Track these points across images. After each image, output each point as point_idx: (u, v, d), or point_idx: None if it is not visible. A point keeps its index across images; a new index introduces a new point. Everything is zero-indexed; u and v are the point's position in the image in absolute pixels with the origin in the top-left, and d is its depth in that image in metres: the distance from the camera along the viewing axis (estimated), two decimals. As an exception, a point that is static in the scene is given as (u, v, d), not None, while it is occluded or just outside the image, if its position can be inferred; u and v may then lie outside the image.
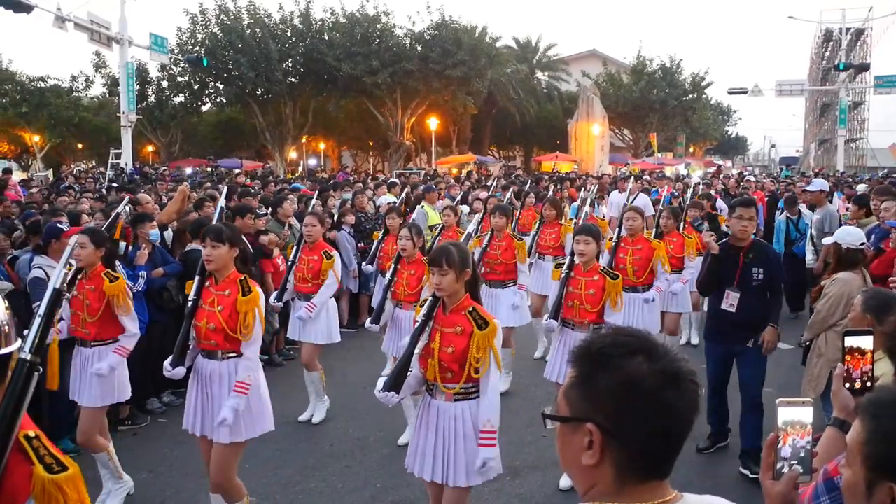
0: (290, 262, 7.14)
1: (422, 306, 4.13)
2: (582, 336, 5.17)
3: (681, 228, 8.88)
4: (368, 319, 6.85)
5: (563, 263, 5.73)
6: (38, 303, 5.84)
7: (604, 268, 5.61)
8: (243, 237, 4.74)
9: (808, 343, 5.74)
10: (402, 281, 6.42)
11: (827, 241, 6.02)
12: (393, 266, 6.59)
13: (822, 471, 1.93)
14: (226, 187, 10.23)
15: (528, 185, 16.33)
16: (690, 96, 43.44)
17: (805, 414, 1.67)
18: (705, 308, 10.05)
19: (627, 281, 7.09)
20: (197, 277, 4.62)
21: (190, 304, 4.57)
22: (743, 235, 5.66)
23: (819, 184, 10.72)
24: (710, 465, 5.86)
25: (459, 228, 9.02)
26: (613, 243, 7.23)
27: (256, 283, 4.61)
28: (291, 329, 7.14)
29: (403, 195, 11.88)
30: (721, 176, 23.39)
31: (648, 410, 1.35)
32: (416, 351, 3.89)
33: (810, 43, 65.32)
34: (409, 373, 3.92)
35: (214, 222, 5.47)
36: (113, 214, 6.80)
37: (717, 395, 5.94)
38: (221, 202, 6.30)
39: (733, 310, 5.67)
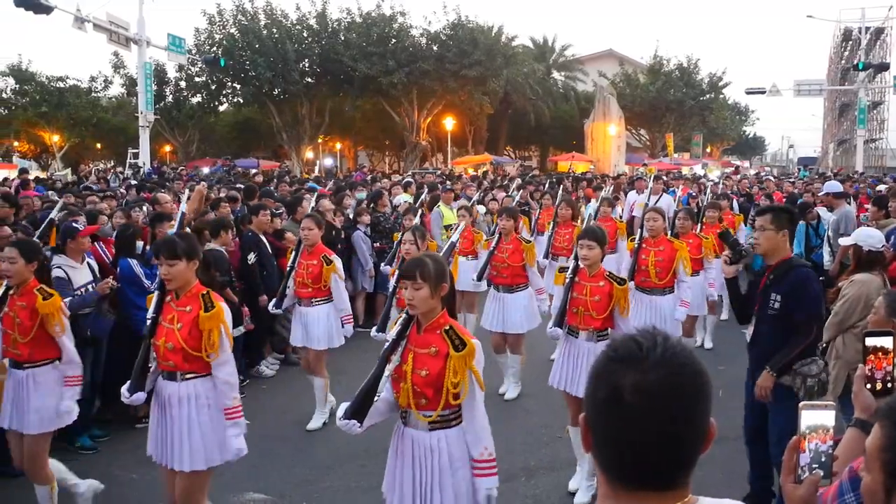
0: (289, 267, 6.87)
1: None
2: (587, 344, 5.27)
3: (699, 230, 8.80)
4: (374, 328, 6.27)
5: (567, 268, 5.55)
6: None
7: (610, 273, 5.37)
8: (199, 248, 4.39)
9: (825, 345, 5.69)
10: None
11: (845, 241, 5.93)
12: (398, 272, 6.31)
13: (848, 468, 1.91)
14: (242, 187, 10.26)
15: (545, 185, 16.25)
16: (708, 96, 43.27)
17: (827, 417, 1.66)
18: (724, 315, 10.10)
19: (649, 282, 7.12)
20: (156, 293, 4.34)
21: (149, 321, 4.25)
22: (757, 250, 4.87)
23: (830, 186, 10.61)
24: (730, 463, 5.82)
25: (475, 229, 8.99)
26: (636, 245, 7.20)
27: (221, 295, 4.34)
28: (293, 335, 6.94)
29: (424, 196, 11.90)
30: (738, 177, 23.29)
31: (602, 418, 1.36)
32: (387, 373, 3.53)
33: (829, 42, 64.92)
34: (376, 398, 3.55)
35: (175, 232, 5.23)
36: (46, 221, 6.43)
37: (752, 446, 5.03)
38: (182, 207, 5.99)
39: (747, 340, 4.95)
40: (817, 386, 4.52)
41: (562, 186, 15.81)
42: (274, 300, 6.96)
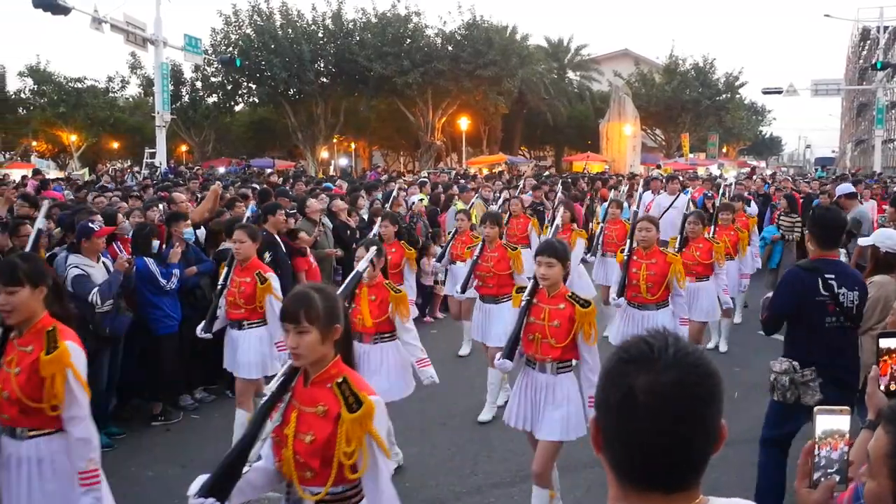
0: (219, 285, 6.06)
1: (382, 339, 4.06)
2: (544, 377, 4.59)
3: (712, 233, 8.71)
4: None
5: (525, 288, 4.80)
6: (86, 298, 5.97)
7: (573, 294, 4.63)
8: (47, 271, 3.57)
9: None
10: (363, 308, 5.39)
11: (864, 241, 5.88)
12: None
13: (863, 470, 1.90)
14: (257, 189, 10.27)
15: (557, 185, 16.17)
16: (724, 96, 43.02)
17: (843, 422, 1.65)
18: (737, 318, 10.02)
19: (640, 298, 6.62)
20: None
21: None
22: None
23: (842, 188, 10.56)
24: (744, 466, 5.79)
25: (475, 233, 8.69)
26: (626, 256, 6.70)
27: (67, 332, 3.38)
28: (225, 359, 6.11)
29: (467, 197, 12.00)
30: (755, 177, 23.14)
31: (613, 420, 1.35)
32: (264, 436, 2.77)
33: (847, 41, 64.40)
34: (247, 468, 2.74)
35: (29, 248, 4.54)
36: (34, 232, 4.99)
37: (765, 454, 4.85)
38: (39, 223, 5.03)
39: None
40: (788, 385, 4.55)
41: (561, 186, 15.73)
42: (202, 323, 6.09)
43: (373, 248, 4.77)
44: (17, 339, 3.36)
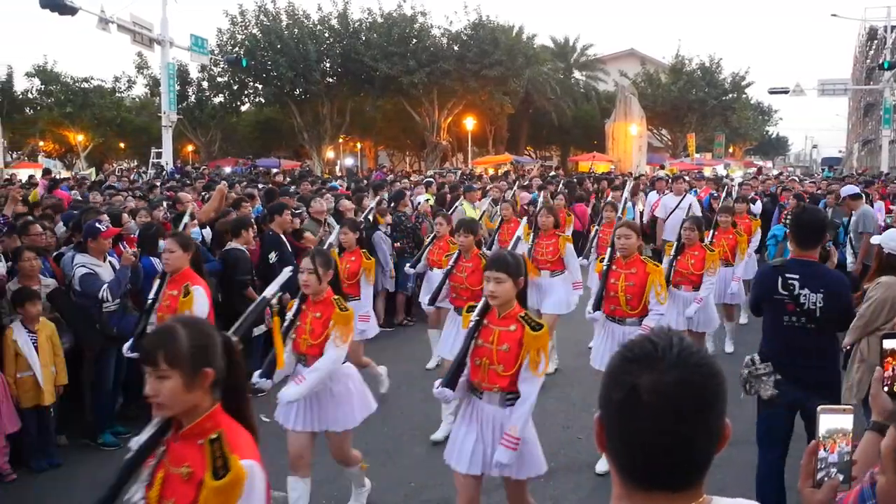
0: (150, 300, 5.64)
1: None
2: (491, 409, 3.99)
3: (711, 236, 8.53)
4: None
5: (475, 306, 4.24)
6: (96, 296, 5.98)
7: (526, 314, 4.08)
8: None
9: (848, 348, 5.64)
10: (305, 326, 4.73)
11: (874, 240, 5.88)
12: (296, 306, 4.86)
13: (869, 474, 1.90)
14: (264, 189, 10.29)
15: (560, 186, 16.13)
16: (730, 96, 42.92)
17: (846, 421, 1.65)
18: (742, 319, 9.95)
19: (620, 311, 6.04)
20: None
21: None
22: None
23: (846, 190, 10.55)
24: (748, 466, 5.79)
25: (453, 240, 7.98)
26: (605, 265, 6.19)
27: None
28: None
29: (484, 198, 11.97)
30: (761, 177, 23.09)
31: (616, 419, 1.35)
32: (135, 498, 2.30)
33: (854, 41, 64.22)
34: None
35: None
36: None
37: (759, 452, 4.88)
38: None
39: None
40: (747, 377, 4.63)
41: (565, 187, 15.58)
42: (129, 342, 5.70)
43: (286, 270, 3.68)
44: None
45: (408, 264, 9.16)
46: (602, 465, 5.68)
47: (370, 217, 10.10)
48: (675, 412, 1.30)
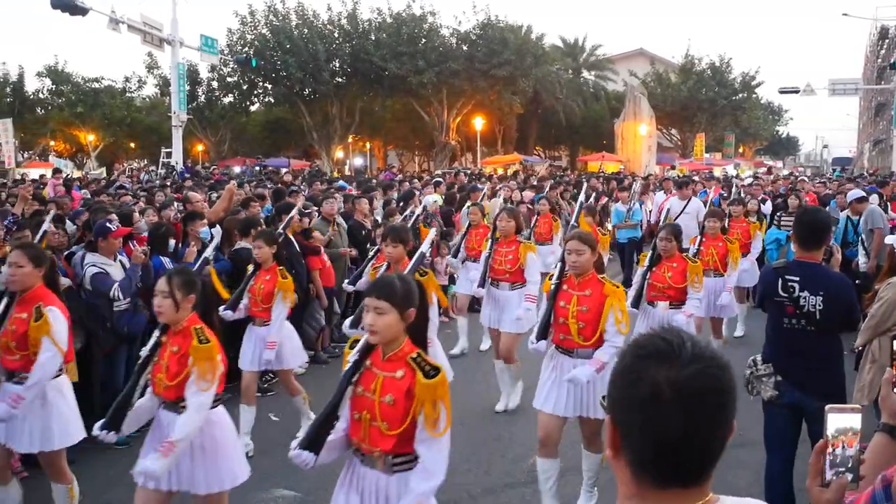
0: None
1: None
2: (374, 476, 3.12)
3: (698, 243, 7.93)
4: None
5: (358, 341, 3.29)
6: (107, 295, 6.03)
7: (418, 354, 3.14)
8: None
9: (860, 348, 5.61)
10: (162, 363, 3.89)
11: (889, 239, 5.85)
12: (155, 337, 4.12)
13: (881, 477, 1.89)
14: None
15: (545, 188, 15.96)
16: (740, 95, 42.82)
17: (854, 420, 1.65)
18: (738, 332, 9.69)
19: (570, 341, 4.85)
20: None
21: None
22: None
23: (853, 194, 10.46)
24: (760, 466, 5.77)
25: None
26: (553, 284, 4.98)
27: None
28: None
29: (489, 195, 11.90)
30: (770, 177, 22.99)
31: (638, 416, 1.35)
32: None
33: (865, 40, 63.89)
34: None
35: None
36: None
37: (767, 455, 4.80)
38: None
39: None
40: (749, 378, 4.61)
41: (557, 190, 15.33)
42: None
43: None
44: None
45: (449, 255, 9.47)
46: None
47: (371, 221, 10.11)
48: (698, 406, 1.31)
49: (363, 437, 3.12)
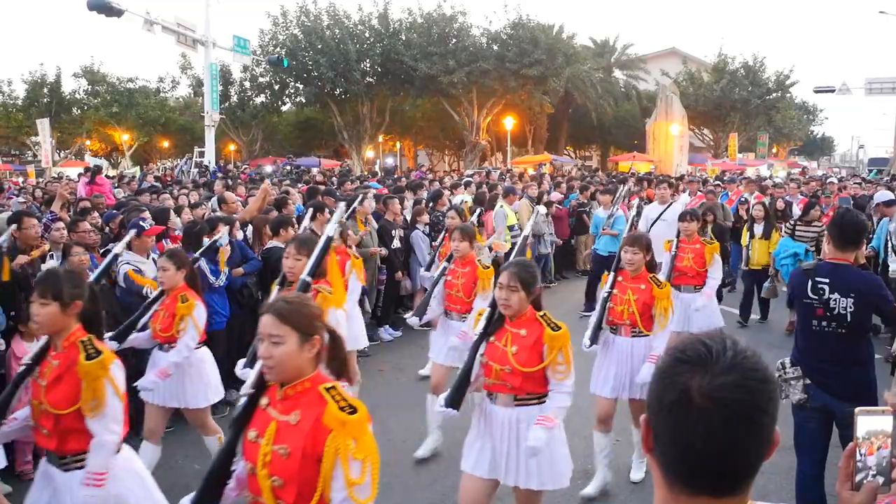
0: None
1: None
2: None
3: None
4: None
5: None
6: (140, 293, 6.14)
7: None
8: None
9: None
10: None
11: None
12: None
13: None
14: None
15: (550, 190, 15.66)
16: (774, 95, 42.22)
17: (885, 423, 1.64)
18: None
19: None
20: None
21: None
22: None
23: (880, 196, 10.21)
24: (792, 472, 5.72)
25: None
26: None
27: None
28: None
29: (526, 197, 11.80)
30: (803, 178, 22.63)
31: (667, 420, 1.34)
32: None
33: (903, 39, 62.59)
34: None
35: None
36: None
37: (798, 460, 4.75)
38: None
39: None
40: (778, 381, 4.55)
41: (586, 194, 15.08)
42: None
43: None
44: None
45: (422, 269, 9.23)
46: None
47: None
48: (726, 416, 1.28)
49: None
